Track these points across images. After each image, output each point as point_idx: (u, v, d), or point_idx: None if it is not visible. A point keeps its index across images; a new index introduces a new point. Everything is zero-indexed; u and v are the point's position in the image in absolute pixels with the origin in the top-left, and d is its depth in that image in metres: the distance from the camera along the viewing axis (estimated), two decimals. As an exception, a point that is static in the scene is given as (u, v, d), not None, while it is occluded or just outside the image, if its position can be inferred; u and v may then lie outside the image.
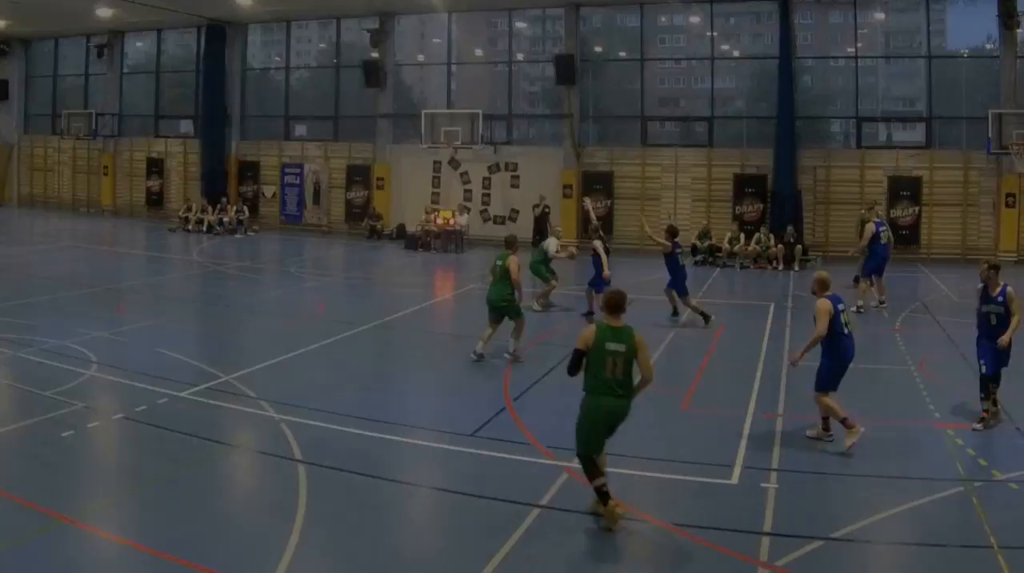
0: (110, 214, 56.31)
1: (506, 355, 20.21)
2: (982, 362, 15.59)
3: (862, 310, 26.10)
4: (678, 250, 25.17)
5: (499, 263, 20.31)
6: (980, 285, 16.15)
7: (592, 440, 11.60)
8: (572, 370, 11.90)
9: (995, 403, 15.59)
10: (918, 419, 15.92)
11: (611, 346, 11.57)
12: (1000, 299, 15.70)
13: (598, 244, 25.47)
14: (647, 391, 12.04)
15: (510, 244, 20.95)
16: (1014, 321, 15.53)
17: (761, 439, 14.85)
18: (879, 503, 12.06)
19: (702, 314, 24.61)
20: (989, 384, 15.55)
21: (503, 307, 20.15)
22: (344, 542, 11.01)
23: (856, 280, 28.53)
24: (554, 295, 27.11)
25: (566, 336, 20.58)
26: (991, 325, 15.76)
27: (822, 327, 14.57)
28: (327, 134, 50.90)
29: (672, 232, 25.51)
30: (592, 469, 11.51)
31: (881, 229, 27.31)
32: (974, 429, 15.20)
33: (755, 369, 19.81)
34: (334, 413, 15.81)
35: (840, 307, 14.98)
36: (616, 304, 11.90)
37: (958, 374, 18.69)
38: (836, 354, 14.89)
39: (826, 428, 14.97)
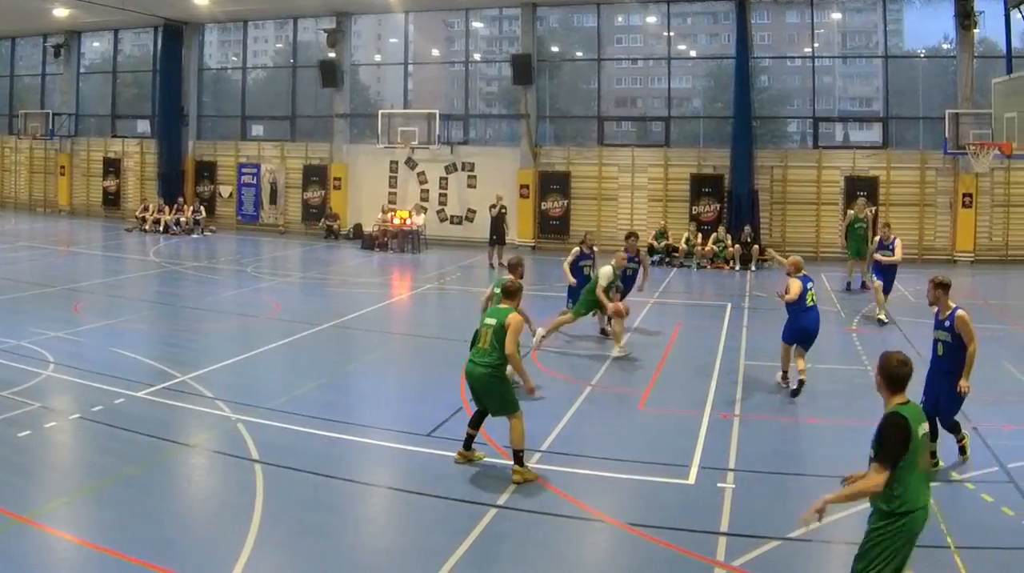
0: (67, 214, 54.52)
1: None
2: (923, 398, 12.86)
3: (885, 322, 24.53)
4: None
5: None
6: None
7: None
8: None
9: (963, 451, 13.55)
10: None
11: (488, 320, 13.04)
12: (947, 325, 13.00)
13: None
14: (605, 392, 13.92)
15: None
16: (968, 356, 12.77)
17: (718, 439, 14.59)
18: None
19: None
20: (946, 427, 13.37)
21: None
22: (301, 542, 10.74)
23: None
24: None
25: (521, 335, 19.68)
26: (938, 355, 13.21)
27: (793, 294, 17.22)
28: (284, 134, 49.68)
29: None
30: (472, 420, 13.35)
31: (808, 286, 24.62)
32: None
33: (712, 369, 19.46)
34: (291, 413, 15.55)
35: (808, 286, 17.56)
36: (508, 292, 13.44)
37: (914, 374, 17.64)
38: (797, 321, 17.49)
39: (784, 378, 17.39)
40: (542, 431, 14.54)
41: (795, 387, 17.33)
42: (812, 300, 17.60)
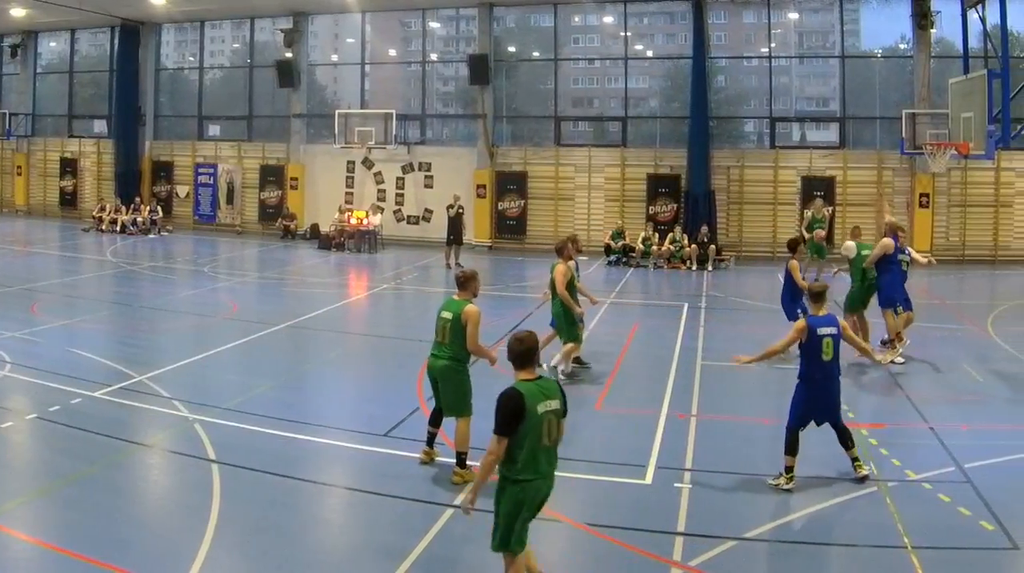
0: (23, 214, 52.66)
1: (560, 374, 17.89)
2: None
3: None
4: None
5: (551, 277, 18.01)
6: None
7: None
8: None
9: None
10: None
11: (443, 314, 12.76)
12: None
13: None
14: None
15: (559, 251, 18.21)
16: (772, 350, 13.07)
17: (675, 439, 14.34)
18: (792, 503, 11.75)
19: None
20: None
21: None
22: (257, 541, 10.55)
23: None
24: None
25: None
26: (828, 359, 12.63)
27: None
28: (241, 134, 48.04)
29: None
30: (431, 418, 13.21)
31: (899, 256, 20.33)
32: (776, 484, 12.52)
33: (669, 369, 19.05)
34: (248, 413, 15.21)
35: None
36: (459, 281, 13.03)
37: (870, 374, 18.57)
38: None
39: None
40: None
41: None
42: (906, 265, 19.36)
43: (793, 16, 40.81)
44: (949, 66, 36.19)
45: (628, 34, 42.28)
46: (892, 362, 19.12)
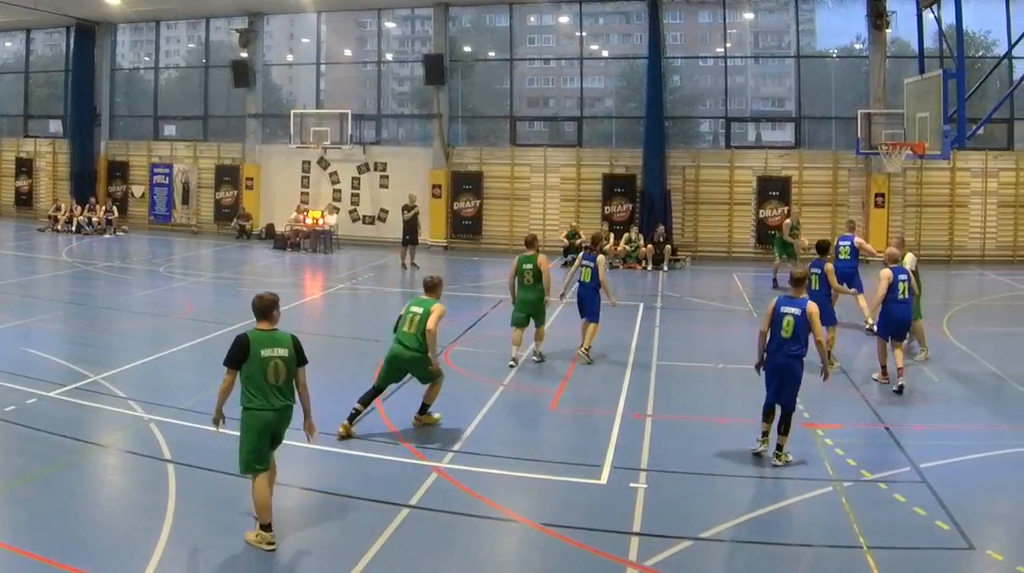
0: (-22, 215, 50.94)
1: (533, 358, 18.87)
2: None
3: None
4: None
5: (526, 266, 18.39)
6: None
7: (381, 375, 14.24)
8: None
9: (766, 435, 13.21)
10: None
11: (413, 308, 14.04)
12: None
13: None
14: (517, 392, 15.08)
15: (530, 243, 18.85)
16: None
17: (630, 439, 13.92)
18: (748, 503, 11.59)
19: None
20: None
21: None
22: (213, 542, 10.21)
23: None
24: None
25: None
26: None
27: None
28: (196, 134, 46.13)
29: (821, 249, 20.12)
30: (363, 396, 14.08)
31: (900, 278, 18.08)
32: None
33: (624, 369, 18.54)
34: (204, 413, 13.79)
35: (901, 278, 17.06)
36: (427, 285, 14.67)
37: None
38: (889, 314, 17.02)
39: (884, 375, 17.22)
40: (454, 431, 14.09)
41: (898, 387, 16.60)
42: (904, 293, 16.96)
43: (748, 16, 39.87)
44: (905, 66, 35.59)
45: (584, 34, 41.05)
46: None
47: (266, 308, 10.49)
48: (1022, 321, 26.03)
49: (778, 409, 12.91)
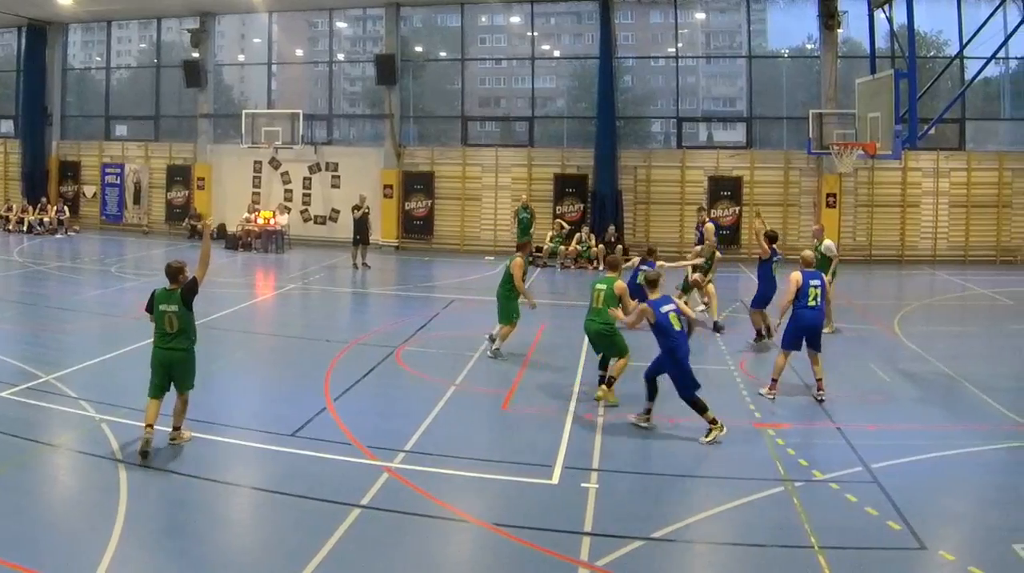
0: (-70, 215, 48.76)
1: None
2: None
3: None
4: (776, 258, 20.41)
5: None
6: None
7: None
8: None
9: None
10: (739, 419, 14.49)
11: (599, 286, 15.42)
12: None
13: None
14: (469, 392, 15.22)
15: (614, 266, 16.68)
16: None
17: (582, 439, 13.64)
18: (700, 503, 11.33)
19: None
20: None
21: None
22: (165, 541, 10.01)
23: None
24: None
25: (384, 336, 20.47)
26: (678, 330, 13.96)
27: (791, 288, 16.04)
28: (148, 134, 44.26)
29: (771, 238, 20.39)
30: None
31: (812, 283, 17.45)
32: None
33: (575, 369, 17.88)
34: None
35: (812, 283, 15.97)
36: (611, 265, 16.14)
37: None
38: (795, 320, 16.00)
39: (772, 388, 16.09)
40: (406, 431, 13.66)
41: (820, 397, 15.91)
42: (815, 299, 15.89)
43: (700, 16, 38.68)
44: (856, 66, 34.56)
45: (535, 34, 39.67)
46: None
47: (171, 273, 12.65)
48: (974, 321, 25.38)
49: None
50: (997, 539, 10.05)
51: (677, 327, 13.53)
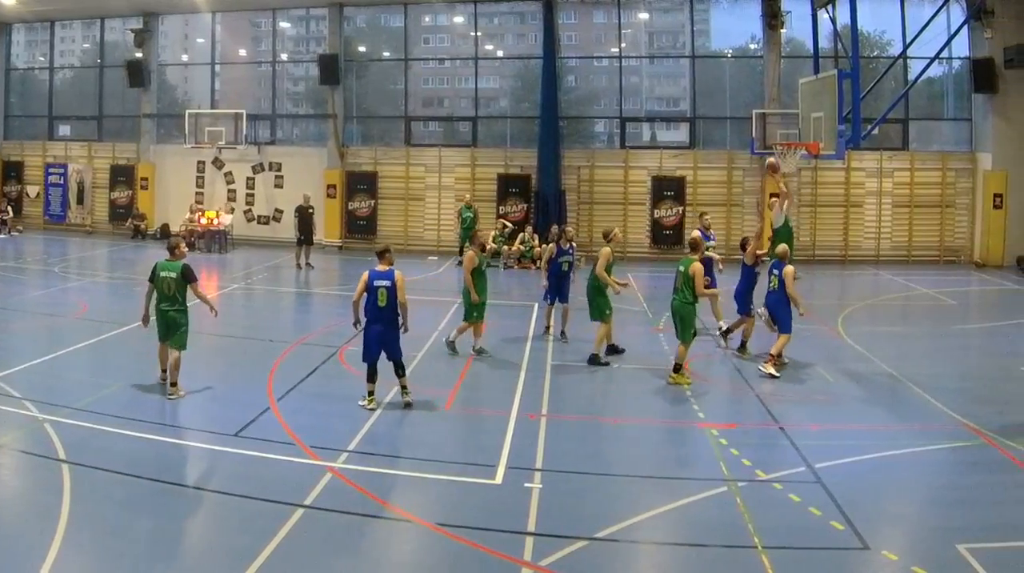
0: None
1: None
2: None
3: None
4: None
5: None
6: None
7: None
8: None
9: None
10: (683, 419, 14.55)
11: (680, 268, 16.07)
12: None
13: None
14: (412, 392, 14.69)
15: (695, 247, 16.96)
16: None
17: (525, 439, 13.15)
18: (643, 503, 10.81)
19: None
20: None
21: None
22: (108, 542, 9.49)
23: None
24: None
25: (328, 335, 20.04)
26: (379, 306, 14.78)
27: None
28: (91, 134, 42.09)
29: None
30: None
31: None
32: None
33: (519, 369, 17.47)
34: (99, 413, 13.88)
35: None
36: (692, 245, 16.49)
37: (721, 373, 17.67)
38: None
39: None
40: (348, 431, 13.23)
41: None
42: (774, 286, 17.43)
43: (643, 16, 37.21)
44: (799, 66, 33.65)
45: (478, 34, 38.05)
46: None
47: (170, 247, 15.12)
48: (917, 321, 24.71)
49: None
50: (940, 539, 9.73)
51: (381, 303, 14.68)
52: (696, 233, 18.03)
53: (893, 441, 13.12)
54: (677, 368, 15.84)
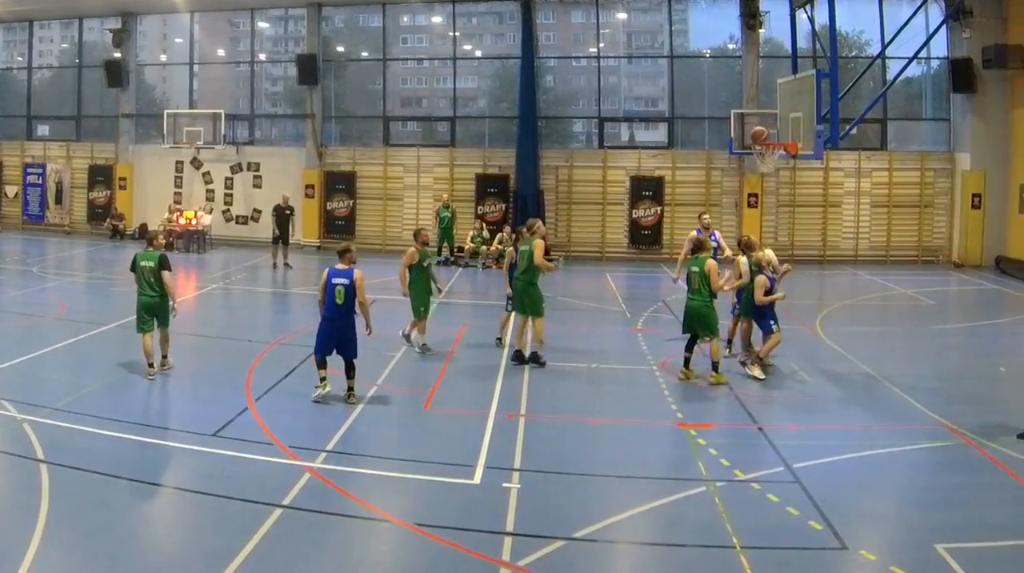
0: None
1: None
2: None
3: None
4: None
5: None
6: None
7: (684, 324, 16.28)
8: None
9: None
10: (661, 419, 14.20)
11: (692, 268, 15.90)
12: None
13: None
14: (390, 392, 15.08)
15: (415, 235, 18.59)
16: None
17: (503, 439, 12.93)
18: (622, 503, 10.65)
19: None
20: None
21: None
22: (86, 542, 9.34)
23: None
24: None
25: (306, 335, 18.53)
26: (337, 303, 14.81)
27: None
28: (69, 134, 41.33)
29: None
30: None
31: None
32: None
33: (497, 369, 17.22)
34: (78, 413, 13.58)
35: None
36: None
37: (699, 373, 16.82)
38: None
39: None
40: (327, 430, 13.03)
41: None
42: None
43: (622, 16, 36.80)
44: (778, 66, 32.91)
45: (457, 34, 37.48)
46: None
47: (148, 238, 15.90)
48: (895, 321, 24.51)
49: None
50: (919, 539, 9.61)
51: (339, 301, 14.45)
52: (694, 233, 18.13)
53: (871, 441, 12.96)
54: (715, 367, 15.78)
